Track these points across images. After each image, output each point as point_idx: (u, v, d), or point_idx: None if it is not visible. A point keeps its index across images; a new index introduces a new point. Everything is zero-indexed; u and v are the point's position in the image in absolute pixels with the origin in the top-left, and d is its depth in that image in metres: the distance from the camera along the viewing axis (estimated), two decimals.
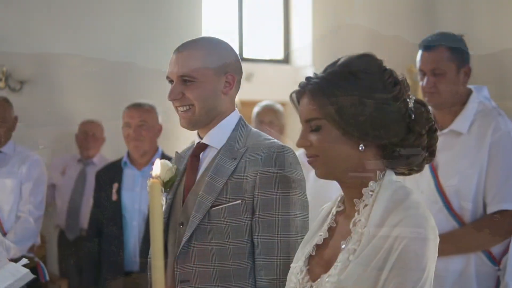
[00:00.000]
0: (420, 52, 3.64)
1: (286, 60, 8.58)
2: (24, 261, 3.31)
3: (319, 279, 2.04)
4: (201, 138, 2.64)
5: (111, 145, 6.57)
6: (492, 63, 7.98)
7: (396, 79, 2.05)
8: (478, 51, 3.81)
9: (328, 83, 2.02)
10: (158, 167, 2.36)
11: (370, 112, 1.97)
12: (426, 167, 3.52)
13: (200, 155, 2.64)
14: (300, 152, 3.38)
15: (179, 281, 2.52)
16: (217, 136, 2.60)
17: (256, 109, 5.48)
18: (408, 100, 2.05)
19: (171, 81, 2.57)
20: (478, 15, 8.40)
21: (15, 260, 3.57)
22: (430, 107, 3.67)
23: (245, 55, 8.17)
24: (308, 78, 2.09)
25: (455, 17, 8.45)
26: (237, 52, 2.72)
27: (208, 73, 2.53)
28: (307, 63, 8.24)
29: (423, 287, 1.90)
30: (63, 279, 6.28)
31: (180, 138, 6.80)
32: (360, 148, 2.01)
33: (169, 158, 3.00)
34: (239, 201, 2.46)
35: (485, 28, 8.21)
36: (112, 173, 4.76)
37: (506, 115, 3.60)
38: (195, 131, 2.68)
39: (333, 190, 3.86)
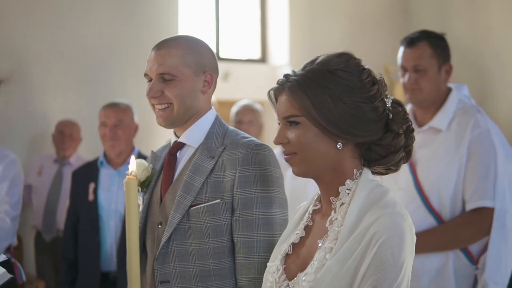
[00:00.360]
0: (402, 49, 3.67)
1: (262, 59, 8.59)
2: (3, 257, 3.27)
3: (295, 278, 2.04)
4: (178, 137, 2.64)
5: (88, 145, 6.55)
6: (468, 61, 8.03)
7: (374, 78, 2.07)
8: (454, 50, 3.84)
9: (307, 80, 2.02)
10: (134, 164, 2.35)
11: (348, 110, 1.99)
12: (405, 164, 3.56)
13: (177, 154, 2.63)
14: (278, 151, 3.39)
15: (159, 282, 2.50)
16: (194, 135, 2.59)
17: (234, 109, 5.48)
18: (385, 99, 2.06)
19: (149, 79, 2.56)
20: (455, 14, 8.46)
21: None
22: (409, 106, 3.72)
23: (221, 55, 8.16)
24: (286, 76, 2.09)
25: (431, 17, 8.50)
26: (215, 51, 2.72)
27: (188, 72, 2.53)
28: (283, 63, 8.25)
29: (400, 286, 1.90)
30: (40, 280, 6.23)
31: (156, 137, 6.82)
32: (338, 146, 2.03)
33: (145, 158, 3.00)
34: (218, 200, 2.45)
35: (462, 27, 8.26)
36: (88, 173, 4.74)
37: (485, 113, 3.61)
38: (171, 130, 2.67)
39: (311, 188, 3.87)
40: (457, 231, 3.48)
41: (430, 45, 3.59)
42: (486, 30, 8.22)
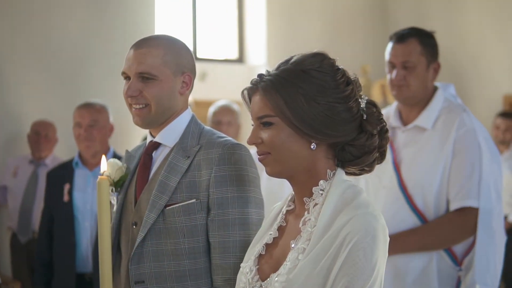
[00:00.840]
0: (391, 44, 3.63)
1: (240, 59, 8.58)
2: None
3: (268, 279, 2.03)
4: (153, 137, 2.62)
5: (64, 146, 6.50)
6: (444, 61, 8.07)
7: (349, 78, 2.06)
8: None
9: (281, 80, 2.01)
10: (105, 165, 2.33)
11: (322, 110, 1.98)
12: (390, 163, 3.56)
13: (153, 154, 2.61)
14: (254, 151, 3.37)
15: (133, 282, 2.48)
16: (170, 135, 2.58)
17: (212, 109, 5.45)
18: (360, 100, 2.05)
19: (127, 78, 2.54)
20: (431, 14, 8.51)
21: None
22: (394, 104, 3.69)
23: (199, 55, 8.15)
24: (260, 75, 2.08)
25: (408, 17, 8.53)
26: (191, 51, 2.71)
27: (168, 72, 2.51)
28: (261, 63, 8.25)
29: (372, 287, 1.89)
30: (16, 282, 6.20)
31: (132, 138, 6.79)
32: (311, 147, 2.02)
33: (120, 158, 2.97)
34: (194, 200, 2.44)
35: (438, 27, 8.30)
36: (63, 174, 4.70)
37: (471, 112, 3.58)
38: (147, 130, 2.66)
39: (286, 189, 3.84)
40: (441, 231, 3.45)
41: (420, 42, 3.56)
42: (462, 30, 8.27)
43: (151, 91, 2.49)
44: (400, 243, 3.45)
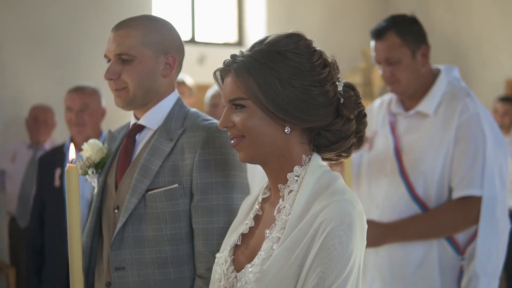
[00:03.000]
0: (372, 42, 3.55)
1: (239, 43, 8.54)
2: None
3: (243, 270, 1.97)
4: (138, 119, 2.57)
5: (63, 130, 6.46)
6: (447, 44, 8.01)
7: (326, 60, 1.98)
8: (433, 33, 3.75)
9: (254, 61, 1.94)
10: (73, 152, 2.28)
11: (296, 94, 1.90)
12: (391, 150, 3.49)
13: (136, 137, 2.56)
14: None
15: (114, 269, 2.43)
16: (154, 117, 2.53)
17: (210, 92, 5.45)
18: (337, 83, 1.98)
19: (108, 60, 2.49)
20: None
21: None
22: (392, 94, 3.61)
23: (197, 39, 8.09)
24: (233, 56, 2.01)
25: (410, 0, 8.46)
26: (190, 35, 2.65)
27: (147, 53, 2.45)
28: None
29: (348, 277, 1.82)
30: (11, 267, 6.20)
31: (126, 121, 6.72)
32: (285, 131, 1.95)
33: None
34: (176, 184, 2.38)
35: (441, 10, 8.23)
36: (55, 158, 4.66)
37: (475, 96, 3.47)
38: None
39: (258, 177, 3.76)
40: (442, 219, 3.36)
41: (398, 34, 3.45)
42: (465, 13, 8.20)
43: (129, 72, 2.44)
44: (400, 231, 3.40)
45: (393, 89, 3.54)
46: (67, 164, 2.12)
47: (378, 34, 3.50)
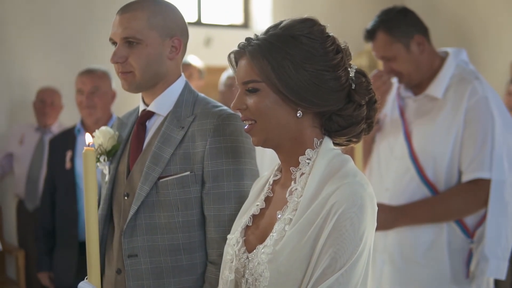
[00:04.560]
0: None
1: (245, 25, 8.52)
2: None
3: (255, 250, 1.99)
4: (146, 104, 2.58)
5: (70, 113, 6.48)
6: (453, 26, 7.99)
7: (339, 46, 2.01)
8: (439, 15, 3.76)
9: (269, 45, 1.96)
10: (89, 137, 2.28)
11: (309, 78, 1.93)
12: (401, 133, 3.51)
13: (146, 123, 2.57)
14: None
15: (126, 256, 2.45)
16: (163, 103, 2.53)
17: (226, 74, 5.49)
18: (349, 69, 2.01)
19: (114, 43, 2.48)
20: None
21: None
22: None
23: (203, 20, 8.06)
24: (248, 39, 2.04)
25: None
26: (196, 17, 2.65)
27: (154, 35, 2.45)
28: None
29: (359, 257, 1.85)
30: (20, 250, 6.22)
31: (135, 105, 6.74)
32: (298, 115, 1.98)
33: None
34: (188, 172, 2.40)
35: None
36: (65, 141, 4.70)
37: (484, 79, 3.48)
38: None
39: (266, 160, 3.76)
40: (452, 202, 3.37)
41: (387, 32, 3.48)
42: None
43: (136, 56, 2.43)
44: (410, 214, 3.42)
45: (400, 82, 3.60)
46: (84, 148, 2.13)
47: (369, 35, 3.55)
